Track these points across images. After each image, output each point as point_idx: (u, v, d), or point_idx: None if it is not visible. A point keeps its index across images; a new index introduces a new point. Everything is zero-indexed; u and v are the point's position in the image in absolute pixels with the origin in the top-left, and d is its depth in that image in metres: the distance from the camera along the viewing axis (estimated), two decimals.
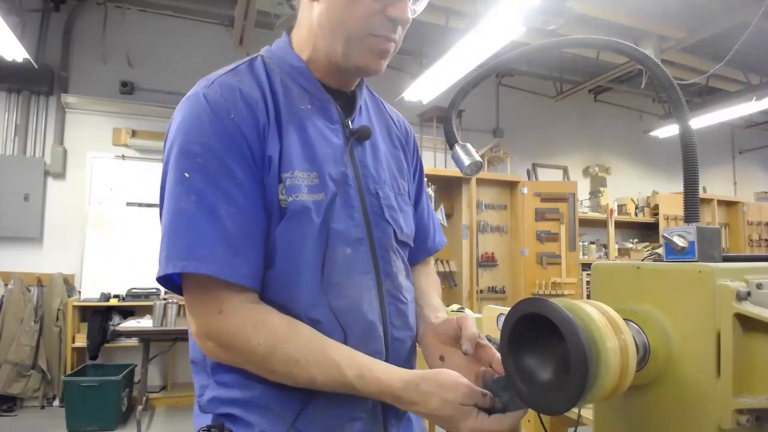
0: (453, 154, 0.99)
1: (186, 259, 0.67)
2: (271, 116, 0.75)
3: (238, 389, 0.74)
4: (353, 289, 0.78)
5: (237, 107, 0.73)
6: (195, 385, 0.81)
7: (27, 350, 4.04)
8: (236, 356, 0.71)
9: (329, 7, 0.76)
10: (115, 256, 4.52)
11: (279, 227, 0.73)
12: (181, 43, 4.99)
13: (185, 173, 0.69)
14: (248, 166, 0.72)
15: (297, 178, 0.74)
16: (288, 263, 0.74)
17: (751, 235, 6.71)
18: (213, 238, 0.68)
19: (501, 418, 0.68)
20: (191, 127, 0.72)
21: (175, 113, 0.77)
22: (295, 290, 0.74)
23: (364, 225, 0.81)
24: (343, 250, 0.78)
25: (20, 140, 4.50)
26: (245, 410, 0.74)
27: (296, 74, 0.82)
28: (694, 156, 0.70)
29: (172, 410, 4.29)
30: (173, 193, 0.70)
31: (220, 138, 0.71)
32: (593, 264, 0.81)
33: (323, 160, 0.78)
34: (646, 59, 0.74)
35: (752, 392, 0.61)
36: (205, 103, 0.72)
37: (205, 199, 0.68)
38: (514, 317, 0.69)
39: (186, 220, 0.68)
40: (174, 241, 0.68)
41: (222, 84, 0.75)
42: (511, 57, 0.94)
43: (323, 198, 0.76)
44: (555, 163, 6.61)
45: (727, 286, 0.61)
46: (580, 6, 4.10)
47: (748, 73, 5.55)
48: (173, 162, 0.71)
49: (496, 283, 5.21)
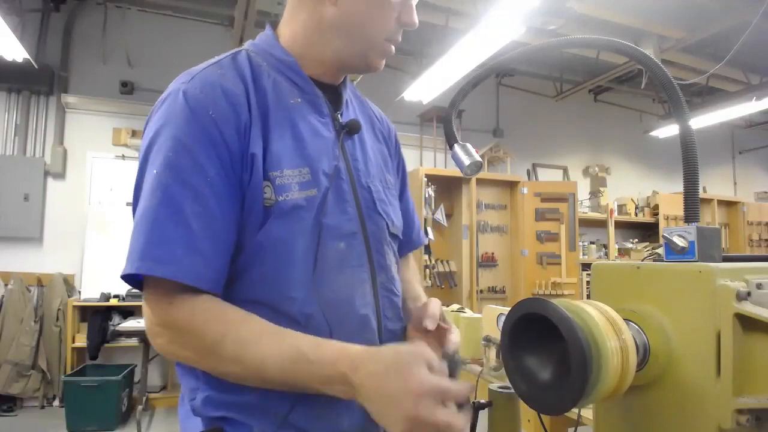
0: (453, 154, 0.99)
1: (142, 260, 0.66)
2: (255, 113, 0.74)
3: (233, 392, 0.73)
4: (346, 283, 0.78)
5: (217, 104, 0.71)
6: (183, 388, 0.79)
7: (27, 350, 4.04)
8: (186, 346, 0.68)
9: (350, 12, 0.77)
10: (115, 256, 4.50)
11: (268, 225, 0.72)
12: (181, 43, 4.99)
13: (155, 170, 0.68)
14: (222, 165, 0.70)
15: (286, 177, 0.73)
16: (279, 261, 0.73)
17: (751, 235, 6.71)
18: (173, 238, 0.66)
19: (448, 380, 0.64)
20: (166, 124, 0.70)
21: (153, 108, 0.76)
22: (286, 287, 0.73)
23: (358, 219, 0.81)
24: (336, 245, 0.77)
25: (20, 140, 4.50)
26: (240, 412, 0.73)
27: (284, 68, 0.81)
28: (694, 156, 0.70)
29: (172, 410, 4.29)
30: (142, 190, 0.69)
31: (195, 135, 0.69)
32: (593, 264, 0.81)
33: (315, 155, 0.77)
34: (646, 59, 0.74)
35: (752, 392, 0.61)
36: (183, 99, 0.71)
37: (172, 196, 0.67)
38: (514, 317, 0.69)
39: (149, 218, 0.67)
40: (135, 240, 0.67)
41: (203, 79, 0.73)
42: (511, 57, 0.94)
43: (316, 194, 0.75)
44: (555, 163, 6.61)
45: (727, 286, 0.61)
46: (580, 6, 4.10)
47: (748, 73, 5.55)
48: (145, 159, 0.71)
49: (496, 283, 5.21)
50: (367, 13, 0.78)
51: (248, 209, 0.72)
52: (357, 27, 0.79)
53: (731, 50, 4.10)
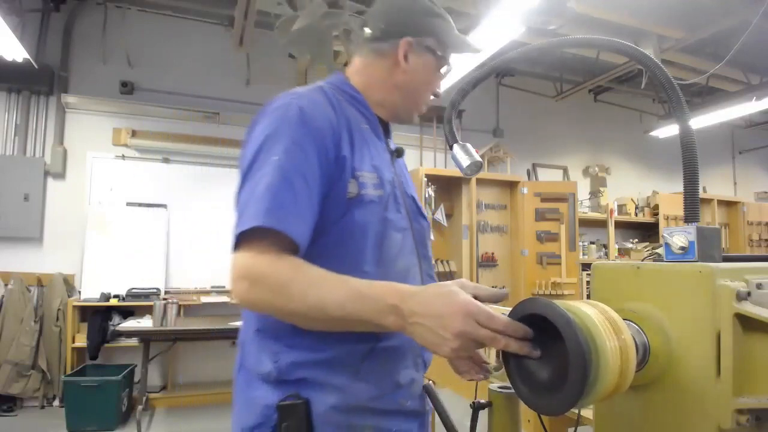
0: (453, 154, 0.99)
1: (266, 217, 0.82)
2: (343, 128, 0.96)
3: (312, 351, 0.88)
4: (403, 265, 0.99)
5: (320, 117, 0.93)
6: (261, 354, 0.92)
7: (27, 350, 4.04)
8: (263, 287, 0.80)
9: (414, 79, 1.05)
10: (115, 256, 4.52)
11: (351, 213, 0.92)
12: (181, 43, 4.99)
13: (275, 157, 0.86)
14: (319, 163, 0.89)
15: (365, 177, 0.95)
16: (357, 241, 0.92)
17: (751, 235, 6.71)
18: (288, 205, 0.84)
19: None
20: (283, 126, 0.90)
21: (264, 112, 0.94)
22: (362, 263, 0.92)
23: (407, 218, 1.03)
24: (395, 235, 0.98)
25: (20, 140, 4.50)
26: (320, 370, 0.88)
27: (355, 102, 1.05)
28: (694, 156, 0.70)
29: (172, 410, 4.29)
30: (264, 171, 0.86)
31: (305, 137, 0.89)
32: (593, 264, 0.81)
33: (381, 166, 1.00)
34: (646, 59, 0.74)
35: (752, 392, 0.61)
36: (298, 110, 0.91)
37: (288, 177, 0.85)
38: (514, 318, 0.69)
39: (271, 190, 0.84)
40: (257, 203, 0.83)
41: (310, 98, 0.95)
42: (511, 57, 0.94)
43: (382, 194, 0.97)
44: (555, 163, 6.61)
45: (727, 286, 0.61)
46: (580, 6, 4.10)
47: (748, 73, 5.55)
48: (266, 148, 0.88)
49: (496, 283, 5.21)
50: (424, 81, 1.06)
51: (334, 200, 0.91)
52: (413, 90, 1.06)
53: (731, 50, 4.10)
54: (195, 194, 4.90)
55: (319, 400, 0.88)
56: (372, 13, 1.08)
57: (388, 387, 0.93)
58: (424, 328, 0.73)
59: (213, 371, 4.78)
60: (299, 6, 2.69)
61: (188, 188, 4.91)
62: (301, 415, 0.86)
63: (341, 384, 0.89)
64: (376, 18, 1.07)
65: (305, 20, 2.59)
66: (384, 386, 0.92)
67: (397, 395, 0.94)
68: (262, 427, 0.88)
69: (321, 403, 0.88)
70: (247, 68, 5.10)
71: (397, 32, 1.03)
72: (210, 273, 4.84)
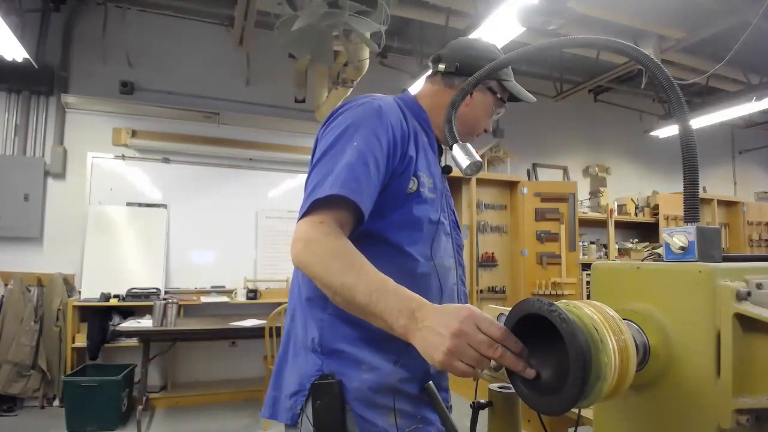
0: (453, 154, 0.99)
1: (341, 188, 0.91)
2: (412, 132, 1.09)
3: (356, 326, 0.96)
4: (447, 264, 1.11)
5: (394, 116, 1.06)
6: (307, 321, 1.02)
7: (27, 350, 4.04)
8: (313, 252, 0.88)
9: (472, 113, 1.22)
10: (115, 256, 4.52)
11: (410, 205, 1.03)
12: (181, 43, 4.99)
13: (355, 142, 0.98)
14: (388, 154, 1.01)
15: (424, 179, 1.07)
16: (413, 231, 1.04)
17: (751, 235, 6.71)
18: (362, 181, 0.94)
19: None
20: (365, 118, 1.02)
21: (352, 107, 1.05)
22: (415, 251, 1.03)
23: (450, 227, 1.15)
24: (442, 237, 1.10)
25: (20, 140, 4.50)
26: (361, 347, 0.96)
27: (420, 118, 1.20)
28: (694, 156, 0.70)
29: (172, 410, 4.29)
30: (345, 152, 0.97)
31: (381, 131, 1.01)
32: (593, 264, 0.81)
33: (435, 174, 1.12)
34: (646, 59, 0.74)
35: (752, 392, 0.61)
36: (378, 106, 1.05)
37: (365, 160, 0.96)
38: (514, 318, 0.69)
39: (349, 166, 0.95)
40: (335, 177, 0.93)
41: (387, 102, 1.10)
42: (511, 57, 0.94)
43: (435, 197, 1.09)
44: (555, 163, 6.61)
45: (727, 286, 0.61)
46: (580, 6, 4.10)
47: (748, 73, 5.55)
48: (348, 134, 1.00)
49: (496, 283, 5.21)
50: (481, 116, 1.24)
51: (394, 192, 1.02)
52: (471, 120, 1.23)
53: (731, 50, 4.10)
54: (195, 194, 4.90)
55: (354, 375, 0.95)
56: (448, 51, 1.24)
57: (419, 372, 1.00)
58: (428, 329, 0.74)
59: (213, 371, 4.78)
60: (299, 6, 2.69)
61: (188, 188, 4.90)
62: (334, 393, 0.94)
63: (378, 364, 0.96)
64: (451, 56, 1.22)
65: (305, 20, 2.59)
66: (416, 370, 0.99)
67: (424, 382, 1.00)
68: (298, 395, 0.97)
69: (355, 379, 0.95)
70: (246, 68, 5.10)
71: (469, 71, 1.14)
72: (210, 273, 4.84)
